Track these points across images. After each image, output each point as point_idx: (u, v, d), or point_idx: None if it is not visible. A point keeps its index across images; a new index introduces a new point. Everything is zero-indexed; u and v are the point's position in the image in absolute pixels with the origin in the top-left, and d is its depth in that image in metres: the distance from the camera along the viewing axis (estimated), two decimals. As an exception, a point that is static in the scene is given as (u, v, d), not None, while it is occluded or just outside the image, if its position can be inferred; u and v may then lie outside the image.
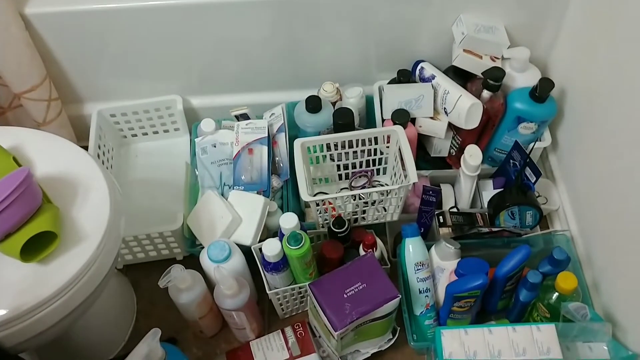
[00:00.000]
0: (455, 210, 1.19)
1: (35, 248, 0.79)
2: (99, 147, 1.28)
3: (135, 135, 1.41)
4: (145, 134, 1.41)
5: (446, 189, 1.24)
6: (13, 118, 1.32)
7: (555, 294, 1.01)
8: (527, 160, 1.12)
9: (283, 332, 1.12)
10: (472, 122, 1.15)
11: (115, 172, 1.35)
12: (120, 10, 1.16)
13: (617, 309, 1.04)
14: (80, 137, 1.35)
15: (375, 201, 1.11)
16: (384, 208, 1.13)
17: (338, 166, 1.20)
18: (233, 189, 1.16)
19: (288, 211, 1.07)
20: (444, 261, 1.08)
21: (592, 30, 1.10)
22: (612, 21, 1.02)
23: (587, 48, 1.12)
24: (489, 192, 1.22)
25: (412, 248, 1.06)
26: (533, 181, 1.13)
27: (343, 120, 1.15)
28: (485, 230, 1.14)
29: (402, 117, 1.16)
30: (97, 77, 1.30)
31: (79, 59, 1.26)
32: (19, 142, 0.93)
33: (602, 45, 1.06)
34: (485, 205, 1.20)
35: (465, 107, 1.13)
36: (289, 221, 1.02)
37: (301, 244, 0.99)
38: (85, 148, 1.22)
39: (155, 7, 1.16)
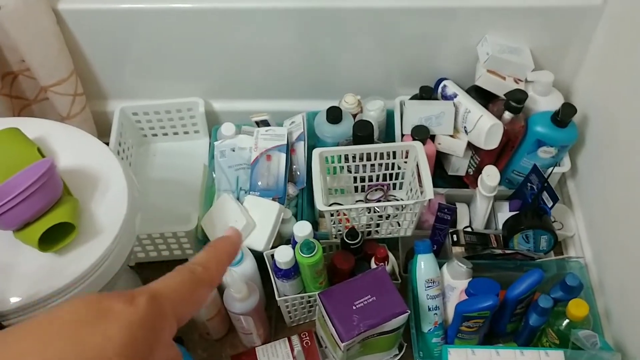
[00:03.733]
0: (469, 229, 1.18)
1: (53, 238, 0.80)
2: (119, 144, 1.29)
3: (156, 135, 1.43)
4: (166, 134, 1.43)
5: (461, 208, 1.24)
6: (38, 110, 1.34)
7: (566, 321, 1.00)
8: (545, 184, 1.12)
9: (289, 340, 1.12)
10: (491, 142, 1.15)
11: (133, 169, 1.36)
12: (149, 11, 1.18)
13: (628, 340, 1.03)
14: (102, 133, 1.36)
15: (389, 215, 1.11)
16: (398, 223, 1.13)
17: (355, 178, 1.20)
18: (249, 193, 1.17)
19: (302, 219, 1.07)
20: (455, 280, 1.08)
21: (618, 58, 1.10)
22: (637, 49, 1.02)
23: (611, 75, 1.12)
24: (504, 213, 1.21)
25: (424, 264, 1.06)
26: (550, 206, 1.13)
27: (362, 132, 1.15)
28: (499, 251, 1.13)
29: (421, 133, 1.16)
30: (122, 75, 1.32)
31: (106, 57, 1.28)
32: (43, 133, 0.94)
33: (627, 73, 1.06)
34: (500, 226, 1.19)
35: (486, 127, 1.13)
36: (302, 229, 1.02)
37: (313, 252, 0.99)
38: (106, 144, 1.24)
39: (184, 10, 1.18)
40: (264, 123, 1.27)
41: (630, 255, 1.03)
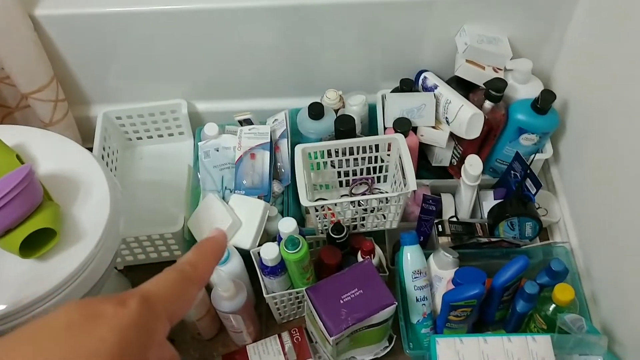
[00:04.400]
0: (454, 219, 1.19)
1: (35, 244, 0.79)
2: (104, 149, 1.29)
3: (140, 138, 1.43)
4: (150, 137, 1.43)
5: (447, 199, 1.25)
6: (21, 118, 1.34)
7: (552, 306, 1.01)
8: (528, 171, 1.13)
9: (280, 337, 1.12)
10: (473, 132, 1.15)
11: (119, 173, 1.36)
12: (128, 14, 1.18)
13: (615, 322, 1.04)
14: (86, 139, 1.36)
15: (374, 208, 1.12)
16: (384, 215, 1.13)
17: (339, 173, 1.21)
18: (234, 192, 1.17)
19: (288, 216, 1.08)
20: (442, 270, 1.08)
21: (595, 43, 1.10)
22: (614, 34, 1.03)
23: (589, 61, 1.13)
24: (489, 202, 1.22)
25: (410, 256, 1.07)
26: (533, 192, 1.13)
27: (344, 127, 1.16)
28: (484, 240, 1.14)
29: (403, 126, 1.17)
30: (104, 79, 1.32)
31: (87, 61, 1.28)
32: (23, 140, 0.94)
33: (605, 58, 1.07)
34: (485, 215, 1.20)
35: (467, 117, 1.13)
36: (287, 226, 1.03)
37: (298, 248, 0.99)
38: (91, 149, 1.24)
39: (163, 12, 1.18)
40: (247, 122, 1.27)
41: (615, 238, 1.04)
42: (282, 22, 1.20)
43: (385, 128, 1.23)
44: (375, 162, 1.19)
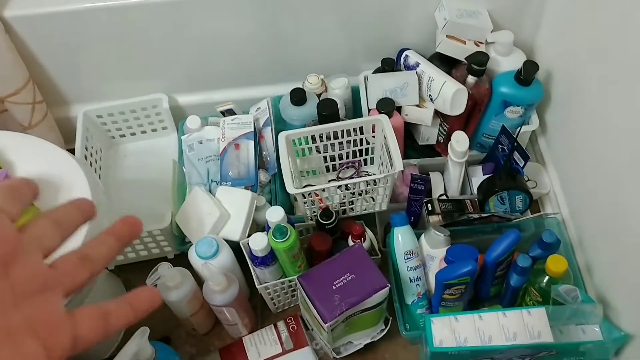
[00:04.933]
0: (444, 197, 1.18)
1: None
2: (86, 149, 1.27)
3: (124, 136, 1.40)
4: (134, 133, 1.40)
5: (435, 177, 1.24)
6: (0, 123, 1.31)
7: (546, 278, 1.00)
8: (515, 144, 1.11)
9: (276, 327, 1.11)
10: (457, 108, 1.14)
11: (104, 173, 1.34)
12: (101, 9, 1.15)
13: (610, 290, 1.03)
14: (68, 140, 1.34)
15: (362, 191, 1.11)
16: (372, 198, 1.12)
17: (325, 158, 1.19)
18: (220, 184, 1.16)
19: (277, 205, 1.07)
20: (434, 249, 1.07)
21: (576, 11, 1.08)
22: (594, 1, 1.01)
23: (571, 29, 1.11)
24: (478, 178, 1.21)
25: (401, 237, 1.06)
26: (522, 165, 1.12)
27: (327, 111, 1.14)
28: (475, 216, 1.13)
29: (387, 106, 1.15)
30: (81, 78, 1.30)
31: (62, 61, 1.25)
32: (0, 145, 0.92)
33: (586, 25, 1.05)
34: (475, 191, 1.19)
35: (450, 93, 1.12)
36: (275, 215, 1.02)
37: (287, 237, 0.98)
38: (73, 150, 1.22)
39: (136, 5, 1.15)
40: (230, 112, 1.25)
41: (605, 205, 1.03)
42: (257, 8, 1.18)
43: (369, 110, 1.21)
44: (361, 144, 1.17)
